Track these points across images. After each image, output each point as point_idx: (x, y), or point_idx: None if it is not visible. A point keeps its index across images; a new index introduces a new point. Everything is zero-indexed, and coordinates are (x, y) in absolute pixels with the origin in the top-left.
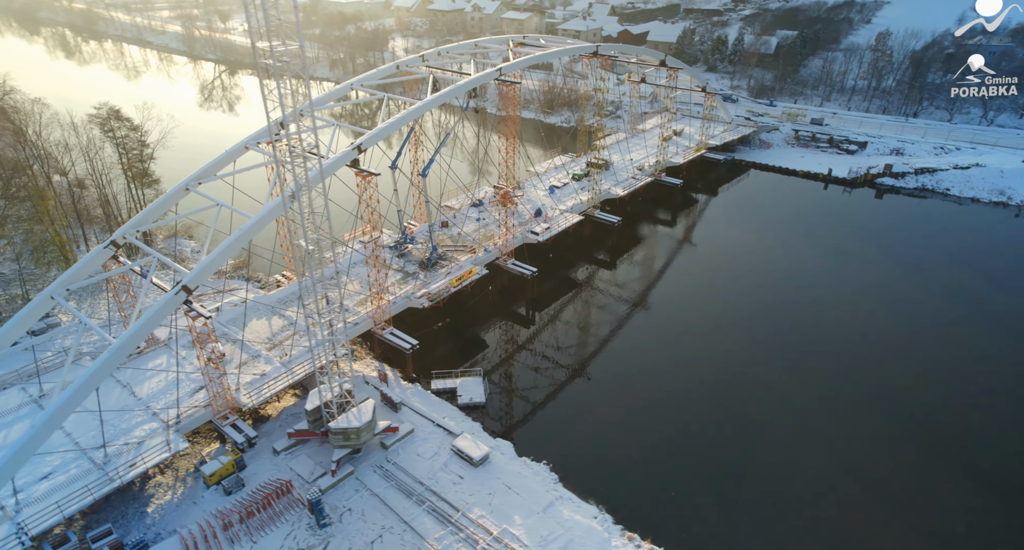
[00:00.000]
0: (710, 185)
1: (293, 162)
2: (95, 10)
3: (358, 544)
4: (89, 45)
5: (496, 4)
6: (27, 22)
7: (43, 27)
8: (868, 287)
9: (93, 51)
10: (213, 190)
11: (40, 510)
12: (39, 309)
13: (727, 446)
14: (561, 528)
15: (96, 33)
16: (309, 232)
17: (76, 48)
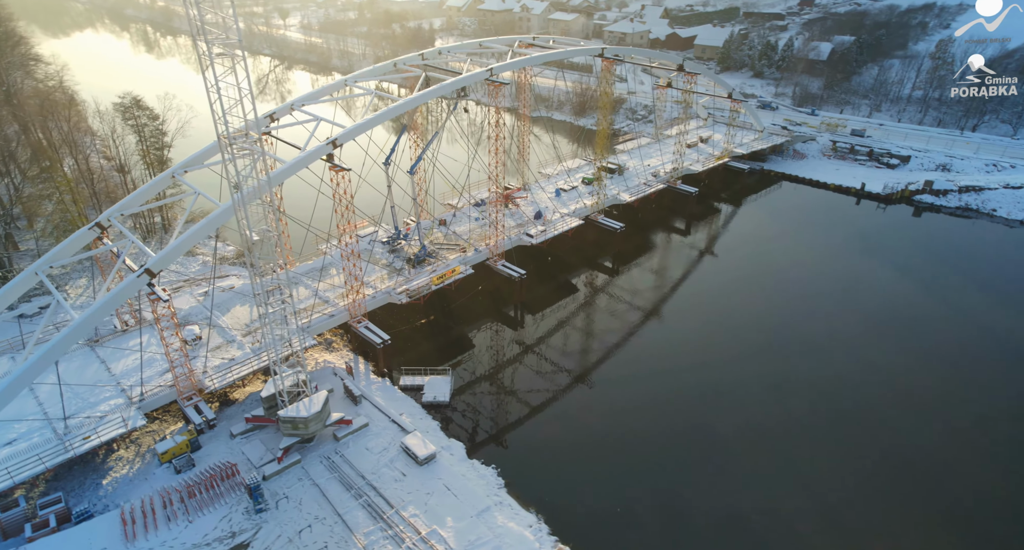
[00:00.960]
0: (734, 195)
1: (234, 154)
2: (172, 7)
3: (288, 532)
4: (165, 40)
5: (544, 5)
6: (117, 18)
7: (130, 23)
8: (887, 318)
9: (168, 46)
10: (200, 178)
11: (9, 470)
12: (23, 284)
13: (685, 467)
14: (491, 534)
15: (171, 28)
16: (259, 224)
17: (154, 42)
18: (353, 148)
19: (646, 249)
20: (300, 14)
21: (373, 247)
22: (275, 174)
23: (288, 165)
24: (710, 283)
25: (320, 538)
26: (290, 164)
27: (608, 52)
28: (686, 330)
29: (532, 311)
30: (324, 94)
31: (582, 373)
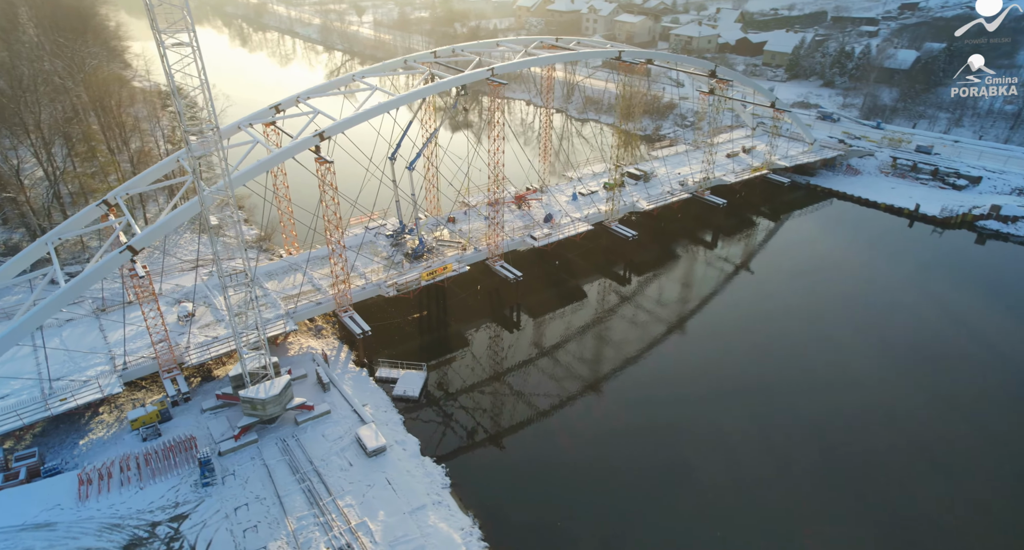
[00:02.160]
0: (774, 210)
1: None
2: (264, 3)
3: (227, 508)
4: (257, 35)
5: (612, 6)
6: (220, 14)
7: (228, 19)
8: (921, 357)
9: (259, 41)
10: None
11: None
12: (34, 253)
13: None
14: (419, 533)
15: (262, 24)
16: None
17: (247, 37)
18: (366, 143)
19: (665, 260)
20: (376, 11)
21: (378, 239)
22: (264, 162)
23: (274, 155)
24: (726, 303)
25: (254, 517)
26: (276, 154)
27: (626, 55)
28: (687, 354)
29: (529, 315)
30: (332, 88)
31: (563, 387)
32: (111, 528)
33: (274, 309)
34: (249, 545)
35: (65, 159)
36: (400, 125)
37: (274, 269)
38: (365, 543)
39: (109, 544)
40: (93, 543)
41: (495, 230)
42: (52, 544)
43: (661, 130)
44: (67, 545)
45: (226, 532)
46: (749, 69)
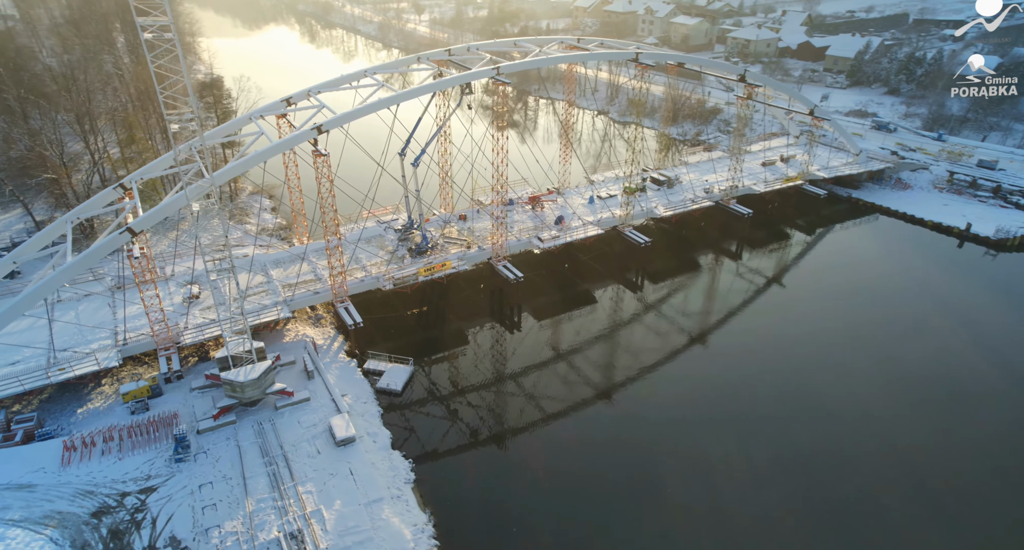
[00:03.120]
0: (810, 223)
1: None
2: (331, 1)
3: (193, 484)
4: (324, 32)
5: (669, 8)
6: (293, 12)
7: (301, 17)
8: (947, 396)
9: (325, 37)
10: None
11: None
12: (56, 230)
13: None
14: (370, 525)
15: (329, 22)
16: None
17: (315, 33)
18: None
19: (682, 269)
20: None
21: (387, 233)
22: (260, 153)
23: (271, 146)
24: (743, 320)
25: (216, 495)
26: (273, 146)
27: (644, 57)
28: (689, 371)
29: (530, 317)
30: (343, 82)
31: (549, 394)
32: (85, 494)
33: (274, 296)
34: (206, 522)
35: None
36: (401, 122)
37: (282, 257)
38: (316, 530)
39: (80, 509)
40: (65, 507)
41: (497, 230)
42: (29, 504)
43: (702, 135)
44: (42, 507)
45: (188, 508)
46: (806, 75)
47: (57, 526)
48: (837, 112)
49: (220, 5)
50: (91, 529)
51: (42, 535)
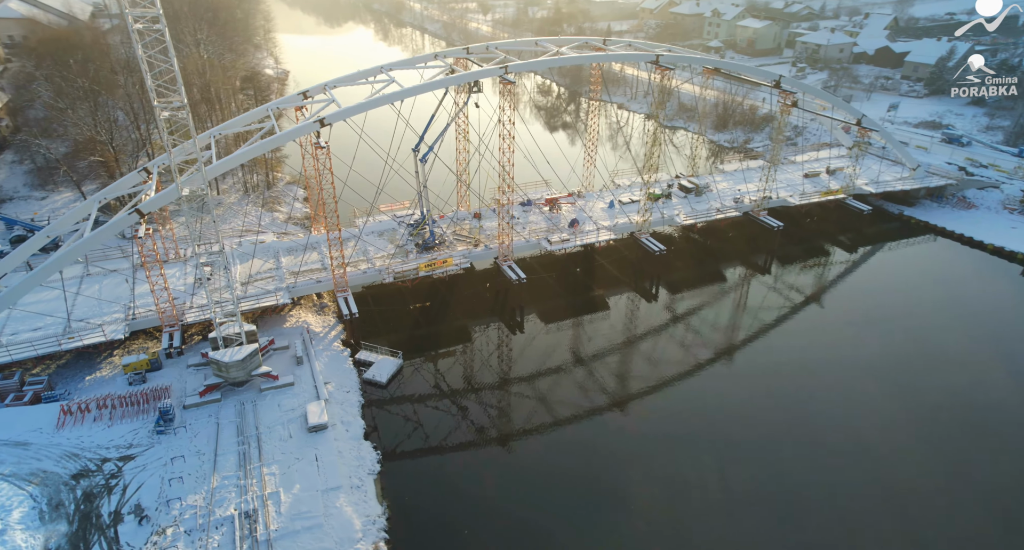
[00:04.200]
0: (854, 240)
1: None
2: (403, 0)
3: (167, 456)
4: (395, 31)
5: (738, 10)
6: (368, 10)
7: (376, 15)
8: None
9: (395, 35)
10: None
11: (6, 350)
12: (85, 209)
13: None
14: (321, 512)
15: (399, 21)
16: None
17: (386, 31)
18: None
19: (704, 280)
20: (500, 10)
21: (400, 227)
22: (263, 143)
23: (273, 138)
24: (762, 340)
25: (186, 469)
26: (275, 137)
27: (664, 60)
28: (686, 389)
29: (532, 320)
30: (359, 77)
31: (536, 402)
32: (70, 456)
33: (278, 282)
34: (170, 493)
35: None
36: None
37: (296, 245)
38: (270, 511)
39: (62, 470)
40: (50, 467)
41: (505, 230)
42: (20, 461)
43: (751, 143)
44: (30, 465)
45: (158, 478)
46: (878, 82)
47: (39, 484)
48: (906, 123)
49: (306, 4)
50: (68, 490)
51: (24, 491)
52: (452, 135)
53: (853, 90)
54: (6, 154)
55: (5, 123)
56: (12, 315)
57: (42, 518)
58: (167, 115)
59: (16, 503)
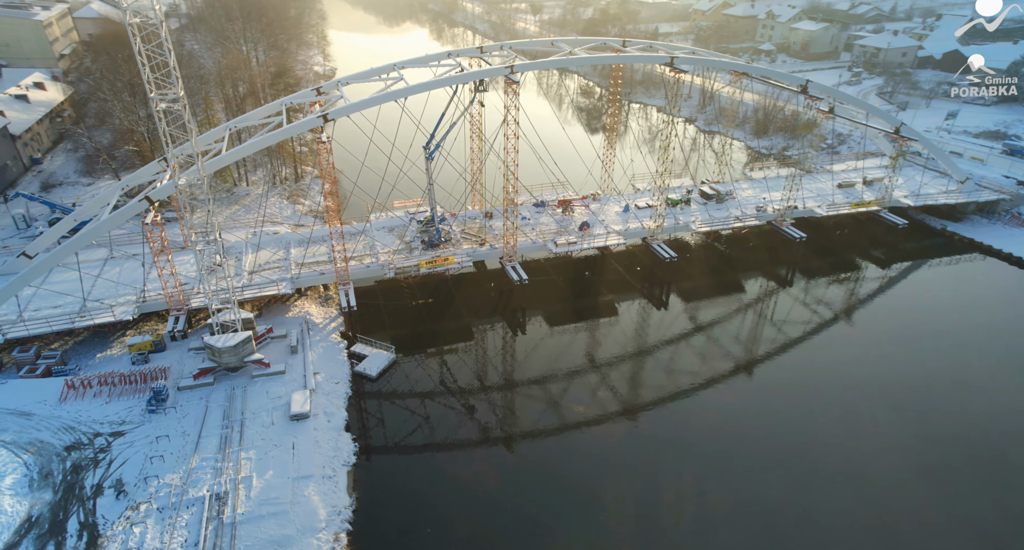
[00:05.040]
0: (889, 256)
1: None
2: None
3: (154, 435)
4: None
5: (794, 12)
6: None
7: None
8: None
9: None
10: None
11: (24, 324)
12: (111, 195)
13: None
14: (290, 499)
15: (452, 21)
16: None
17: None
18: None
19: (715, 290)
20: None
21: (411, 224)
22: (266, 137)
23: (276, 132)
24: (775, 356)
25: (170, 448)
26: (278, 132)
27: (679, 62)
28: (683, 403)
29: (528, 323)
30: (372, 75)
31: (520, 406)
32: (66, 429)
33: (284, 272)
34: (149, 470)
35: None
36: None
37: (307, 238)
38: (240, 495)
39: (57, 441)
40: (47, 437)
41: (509, 230)
42: (22, 430)
43: (790, 150)
44: (30, 434)
45: (141, 455)
46: (939, 88)
47: (35, 453)
48: (966, 133)
49: (368, 4)
50: (59, 461)
51: (19, 459)
52: (465, 134)
53: (911, 96)
54: (66, 143)
55: (67, 114)
56: (38, 293)
57: (31, 486)
58: (164, 107)
59: (10, 470)
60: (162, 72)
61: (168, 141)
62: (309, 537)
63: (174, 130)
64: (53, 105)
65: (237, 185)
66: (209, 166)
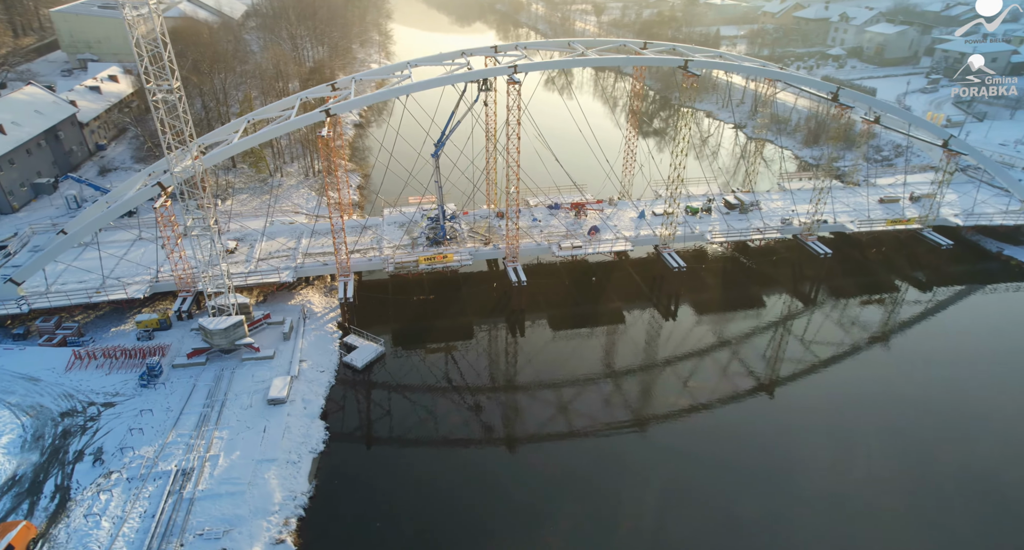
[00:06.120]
0: (932, 278)
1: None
2: (522, 1)
3: (141, 407)
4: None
5: (871, 14)
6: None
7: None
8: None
9: (512, 35)
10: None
11: (47, 297)
12: (136, 180)
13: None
14: (248, 481)
15: (516, 21)
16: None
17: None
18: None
19: (724, 303)
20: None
21: (422, 220)
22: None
23: (278, 126)
24: (797, 382)
25: (150, 423)
26: (280, 125)
27: (693, 65)
28: (672, 419)
29: (526, 327)
30: (386, 72)
31: (500, 411)
32: (66, 396)
33: (290, 261)
34: (128, 442)
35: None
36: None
37: (321, 229)
38: (204, 473)
39: (55, 407)
40: (47, 402)
41: (508, 232)
42: (27, 394)
43: (840, 160)
44: (34, 398)
45: (125, 426)
46: None
47: (33, 416)
48: None
49: (441, 3)
50: (52, 425)
51: (18, 420)
52: (479, 134)
53: (994, 106)
54: (129, 131)
55: (136, 104)
56: (68, 269)
57: (23, 447)
58: (161, 97)
59: (8, 430)
60: (158, 65)
61: (166, 130)
62: (260, 519)
63: (171, 120)
64: (122, 96)
65: (273, 176)
66: (210, 158)
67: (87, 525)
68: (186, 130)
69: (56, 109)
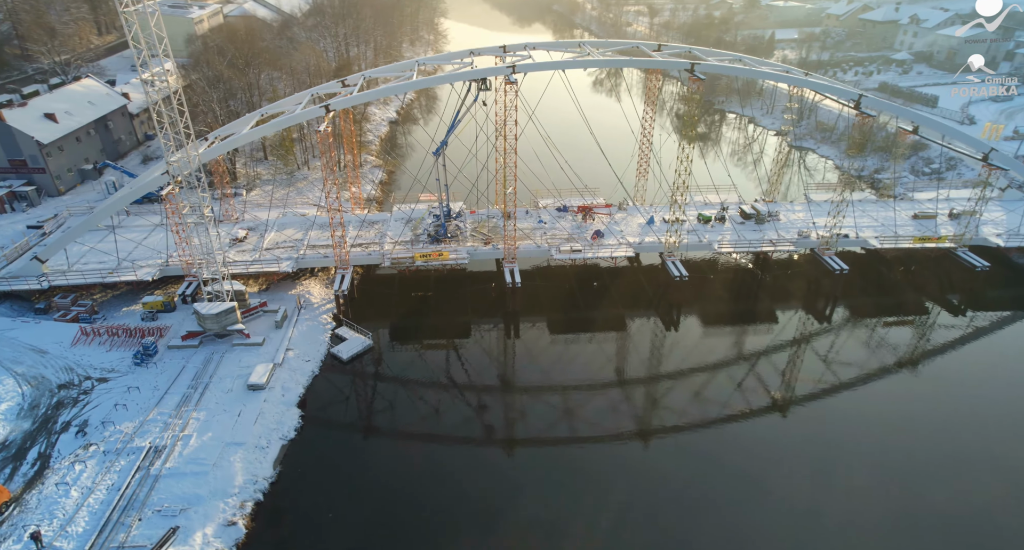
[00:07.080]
0: (965, 301)
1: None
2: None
3: (130, 384)
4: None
5: (945, 16)
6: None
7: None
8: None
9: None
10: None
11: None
12: (156, 169)
13: None
14: (213, 462)
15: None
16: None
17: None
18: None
19: (726, 317)
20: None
21: (427, 217)
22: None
23: (278, 121)
24: (803, 405)
25: (135, 400)
26: (280, 120)
27: (700, 69)
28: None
29: (518, 328)
30: (395, 70)
31: (481, 416)
32: (66, 370)
33: (293, 252)
34: (109, 417)
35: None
36: (439, 116)
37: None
38: (175, 451)
39: (55, 379)
40: (49, 374)
41: (506, 233)
42: (34, 365)
43: (884, 172)
44: (38, 370)
45: (110, 401)
46: None
47: (34, 386)
48: None
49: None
50: (49, 396)
51: (20, 389)
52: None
53: None
54: None
55: None
56: (92, 251)
57: (18, 414)
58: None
59: (9, 397)
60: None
61: (161, 119)
62: (217, 500)
63: (169, 112)
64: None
65: (300, 168)
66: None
67: (57, 493)
68: (180, 122)
69: (108, 100)
